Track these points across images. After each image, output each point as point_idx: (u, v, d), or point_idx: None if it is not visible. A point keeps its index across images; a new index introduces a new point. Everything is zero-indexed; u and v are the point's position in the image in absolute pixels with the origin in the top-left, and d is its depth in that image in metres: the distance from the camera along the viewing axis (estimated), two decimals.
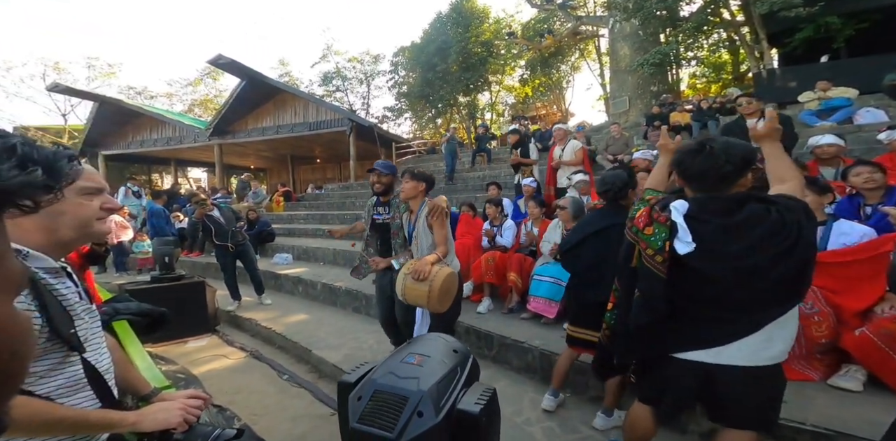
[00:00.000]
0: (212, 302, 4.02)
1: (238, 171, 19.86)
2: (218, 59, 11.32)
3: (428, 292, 1.90)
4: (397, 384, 1.10)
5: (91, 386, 0.77)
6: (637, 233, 1.21)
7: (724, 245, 1.07)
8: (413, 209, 2.29)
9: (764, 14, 7.50)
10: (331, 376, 2.81)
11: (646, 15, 9.04)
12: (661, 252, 1.13)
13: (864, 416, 1.54)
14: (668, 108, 8.38)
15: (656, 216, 1.17)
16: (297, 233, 7.62)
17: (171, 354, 3.12)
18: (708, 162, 1.13)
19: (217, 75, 22.83)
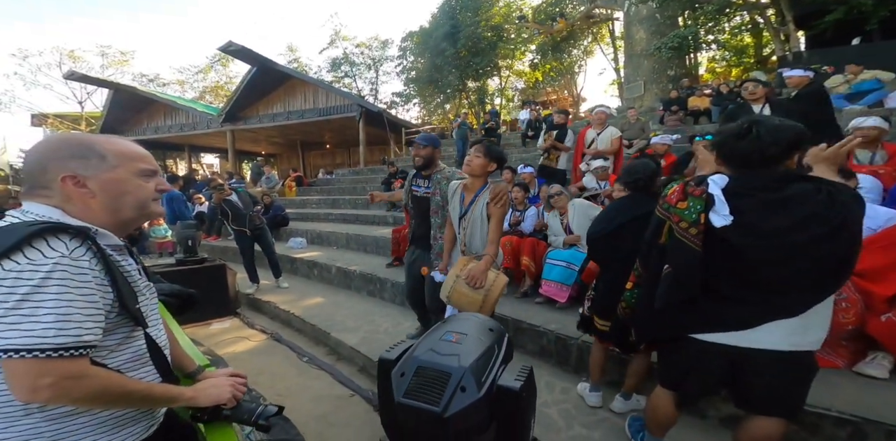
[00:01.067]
0: (233, 285, 4.08)
1: (250, 156, 19.94)
2: (228, 46, 11.12)
3: (482, 302, 1.72)
4: (440, 361, 1.08)
5: (153, 360, 0.78)
6: (668, 208, 1.15)
7: (765, 220, 1.01)
8: (471, 188, 1.95)
9: None
10: (348, 358, 2.84)
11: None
12: (695, 224, 1.07)
13: (891, 403, 1.49)
14: (685, 93, 8.03)
15: (691, 190, 1.11)
16: (309, 217, 7.65)
17: (196, 336, 3.18)
18: (753, 145, 1.06)
19: (227, 62, 22.53)
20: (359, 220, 6.74)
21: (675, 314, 1.17)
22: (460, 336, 1.17)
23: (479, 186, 1.94)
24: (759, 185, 1.06)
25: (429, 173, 2.28)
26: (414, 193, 2.37)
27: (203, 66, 23.26)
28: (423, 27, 17.27)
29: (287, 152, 18.83)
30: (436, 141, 2.31)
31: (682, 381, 1.25)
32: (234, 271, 4.14)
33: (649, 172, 1.78)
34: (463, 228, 1.97)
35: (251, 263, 4.36)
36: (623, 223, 1.74)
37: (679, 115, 7.40)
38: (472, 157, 1.92)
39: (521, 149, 8.71)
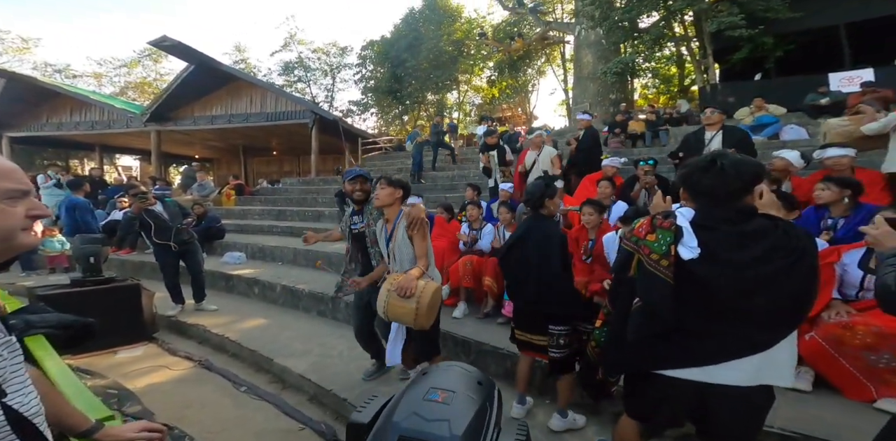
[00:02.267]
0: (149, 306, 3.55)
1: (178, 160, 18.17)
2: (162, 41, 10.27)
3: (415, 310, 1.80)
4: (426, 428, 0.98)
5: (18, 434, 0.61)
6: (637, 241, 1.19)
7: (731, 253, 1.06)
8: (389, 218, 2.14)
9: (712, 32, 8.29)
10: (296, 386, 2.57)
11: (610, 25, 9.58)
12: (666, 256, 1.10)
13: (818, 417, 1.67)
14: (626, 116, 8.97)
15: (660, 223, 1.16)
16: (250, 229, 7.06)
17: (97, 367, 2.68)
18: (718, 179, 1.12)
19: (159, 58, 20.81)
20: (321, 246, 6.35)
21: (645, 349, 1.20)
22: (447, 394, 1.08)
23: (395, 214, 2.11)
24: (723, 218, 1.12)
25: (361, 208, 2.39)
26: (352, 230, 2.41)
27: (128, 60, 21.18)
28: (384, 37, 17.71)
29: (226, 158, 17.51)
30: (370, 176, 2.43)
31: (652, 414, 1.28)
32: (150, 291, 3.63)
33: (539, 193, 1.97)
34: (393, 258, 2.10)
35: (174, 282, 3.88)
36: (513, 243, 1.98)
37: (620, 137, 8.23)
38: (378, 191, 2.09)
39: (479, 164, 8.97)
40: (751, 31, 7.65)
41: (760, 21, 7.73)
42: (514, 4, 14.45)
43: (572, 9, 13.61)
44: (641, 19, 10.09)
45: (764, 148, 5.74)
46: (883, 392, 1.72)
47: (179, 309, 3.89)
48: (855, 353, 1.74)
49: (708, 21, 8.20)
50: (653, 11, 9.31)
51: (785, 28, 7.97)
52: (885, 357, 1.68)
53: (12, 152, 12.81)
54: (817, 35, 8.12)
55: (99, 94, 15.10)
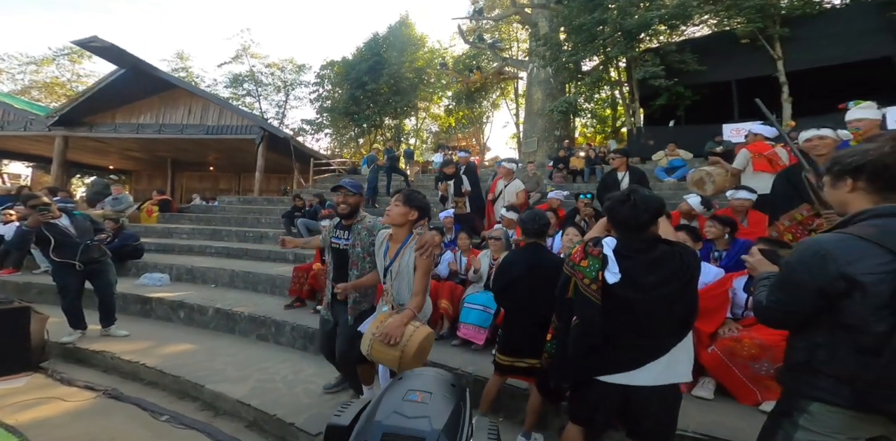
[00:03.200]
0: (39, 332, 3.01)
1: (86, 170, 16.09)
2: (90, 42, 9.58)
3: (399, 358, 1.71)
4: (408, 425, 1.06)
5: None
6: (574, 266, 1.45)
7: (643, 277, 1.33)
8: (396, 238, 1.96)
9: (639, 79, 9.82)
10: (232, 413, 2.32)
11: (558, 66, 10.90)
12: (595, 281, 1.36)
13: (721, 421, 1.91)
14: (568, 153, 10.04)
15: (591, 250, 1.41)
16: (177, 249, 6.38)
17: None
18: (631, 211, 1.37)
19: (78, 58, 19.05)
20: (249, 256, 5.93)
21: (583, 359, 1.42)
22: (425, 395, 1.17)
23: (405, 236, 1.94)
24: (636, 247, 1.37)
25: (350, 223, 2.23)
26: (334, 245, 2.25)
27: (39, 58, 19.04)
28: (346, 58, 18.01)
29: (149, 170, 15.94)
30: (362, 188, 2.28)
31: (591, 417, 1.47)
32: (43, 315, 3.11)
33: (545, 222, 2.09)
34: (390, 280, 1.94)
35: (74, 304, 3.36)
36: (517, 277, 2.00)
37: (563, 172, 9.15)
38: (391, 206, 1.93)
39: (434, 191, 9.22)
40: (667, 82, 9.19)
41: (676, 73, 9.33)
42: (474, 39, 15.79)
43: (527, 48, 15.20)
44: (584, 63, 11.65)
45: (675, 188, 6.79)
46: (766, 396, 2.03)
47: (78, 335, 3.35)
48: (744, 363, 2.07)
49: (636, 69, 9.76)
50: (594, 56, 10.79)
51: (694, 80, 9.68)
52: (766, 365, 2.02)
53: None
54: (716, 89, 9.90)
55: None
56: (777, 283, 1.05)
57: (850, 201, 1.02)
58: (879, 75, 7.94)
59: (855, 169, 0.99)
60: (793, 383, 1.04)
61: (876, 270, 0.88)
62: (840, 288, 0.91)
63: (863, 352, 0.90)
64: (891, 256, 0.88)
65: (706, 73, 9.51)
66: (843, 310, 0.92)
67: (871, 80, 8.02)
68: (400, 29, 17.84)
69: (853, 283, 0.89)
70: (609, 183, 4.13)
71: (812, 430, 0.98)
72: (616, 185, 3.92)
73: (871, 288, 0.88)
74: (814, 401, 0.97)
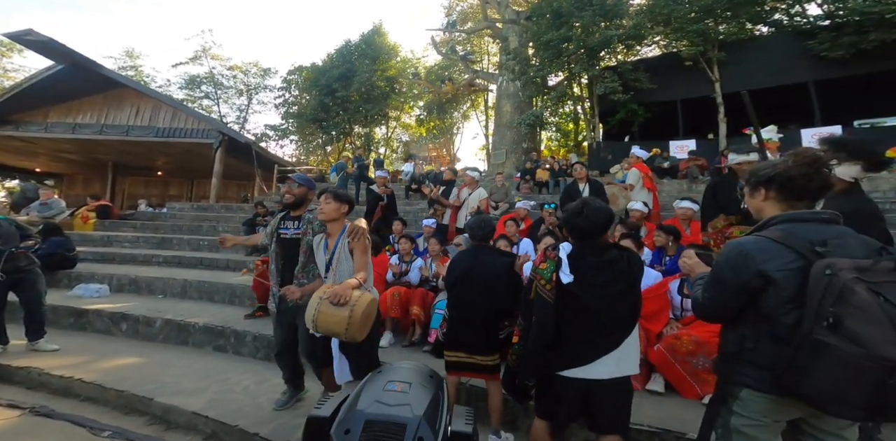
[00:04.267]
0: None
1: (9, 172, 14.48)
2: (25, 35, 8.86)
3: (348, 318, 1.73)
4: (391, 412, 1.12)
5: None
6: (535, 269, 1.62)
7: (595, 278, 1.49)
8: (332, 233, 2.14)
9: (599, 95, 10.47)
10: (188, 427, 2.16)
11: (526, 80, 11.44)
12: (550, 281, 1.52)
13: (671, 415, 2.06)
14: (535, 165, 10.50)
15: (549, 254, 1.58)
16: (118, 259, 5.87)
17: None
18: (584, 222, 1.53)
19: (8, 52, 17.46)
20: (204, 265, 5.59)
21: (543, 356, 1.54)
22: (404, 385, 1.25)
23: (340, 229, 2.13)
24: (589, 251, 1.54)
25: (298, 214, 2.35)
26: (282, 236, 2.32)
27: None
28: (315, 64, 17.77)
29: (85, 174, 14.66)
30: (312, 184, 2.40)
31: (554, 411, 1.57)
32: None
33: (489, 228, 2.25)
34: (332, 273, 2.06)
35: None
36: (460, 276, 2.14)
37: (529, 183, 9.54)
38: (322, 205, 2.11)
39: (405, 201, 9.28)
40: (624, 97, 9.94)
41: (632, 90, 10.11)
42: (447, 51, 16.32)
43: (498, 61, 15.69)
44: (551, 78, 12.29)
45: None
46: (704, 389, 2.20)
47: (2, 350, 2.97)
48: (683, 359, 2.26)
49: (597, 85, 10.46)
50: (559, 72, 11.43)
51: (646, 99, 10.53)
52: (702, 360, 2.20)
53: None
54: (664, 107, 10.74)
55: None
56: (709, 282, 1.18)
57: (764, 208, 1.19)
58: (799, 99, 9.02)
59: (767, 180, 1.15)
60: (726, 371, 1.15)
61: (784, 268, 1.02)
62: (758, 284, 1.05)
63: (778, 341, 1.02)
64: (795, 255, 1.02)
65: (656, 92, 10.33)
66: (761, 303, 1.05)
67: (794, 104, 9.13)
68: (373, 37, 17.91)
69: (768, 279, 1.03)
70: (571, 193, 4.45)
71: (743, 415, 1.09)
72: (578, 195, 4.22)
73: (781, 283, 1.01)
74: (744, 387, 1.08)
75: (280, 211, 2.47)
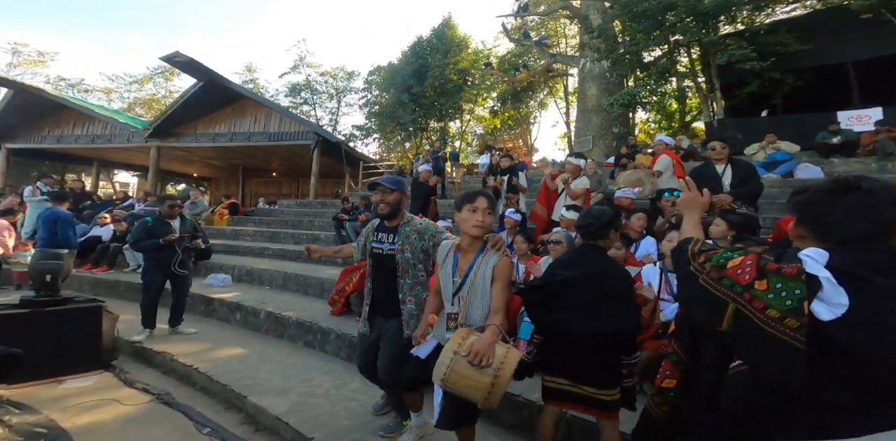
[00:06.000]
0: (109, 331, 3.25)
1: (177, 178, 18.42)
2: (174, 57, 10.79)
3: (491, 386, 1.38)
4: None
5: None
6: (733, 287, 0.97)
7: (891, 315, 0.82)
8: (469, 250, 1.68)
9: (721, 65, 8.53)
10: (271, 430, 2.24)
11: (615, 58, 10.03)
12: (794, 314, 0.87)
13: None
14: (633, 150, 9.04)
15: (773, 266, 0.92)
16: (240, 251, 6.84)
17: (35, 399, 2.35)
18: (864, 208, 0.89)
19: (171, 75, 21.93)
20: (302, 258, 6.14)
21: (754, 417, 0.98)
22: None
23: (479, 247, 1.67)
24: (876, 264, 0.86)
25: (394, 225, 1.99)
26: (375, 250, 2.02)
27: (140, 76, 22.31)
28: (391, 63, 18.48)
29: (225, 177, 17.73)
30: (404, 185, 2.03)
31: None
32: (114, 314, 3.35)
33: (605, 220, 1.67)
34: (460, 299, 1.65)
35: (154, 303, 3.64)
36: (566, 278, 1.61)
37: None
38: (482, 215, 1.62)
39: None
40: (762, 64, 7.89)
41: (769, 55, 8.00)
42: (519, 37, 15.15)
43: (577, 43, 14.24)
44: (649, 53, 10.52)
45: (782, 186, 5.66)
46: None
47: (147, 334, 3.60)
48: None
49: (716, 54, 8.50)
50: (657, 46, 9.67)
51: (794, 64, 8.23)
52: None
53: (8, 164, 13.03)
54: (825, 72, 8.34)
55: (104, 108, 15.65)
56: None
57: None
58: None
59: None
60: None
61: None
62: None
63: None
64: None
65: (810, 55, 8.08)
66: None
67: None
68: (443, 31, 17.74)
69: None
70: (704, 178, 3.31)
71: None
72: (716, 180, 3.24)
73: None
74: None
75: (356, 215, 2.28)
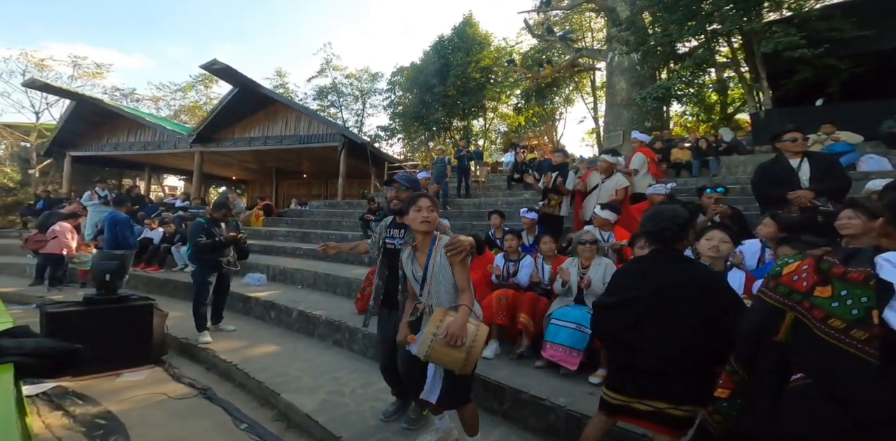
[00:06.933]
0: (160, 327, 3.53)
1: (218, 181, 19.52)
2: (212, 65, 11.41)
3: (465, 359, 1.66)
4: None
5: None
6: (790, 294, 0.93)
7: None
8: (424, 246, 1.87)
9: (766, 53, 7.90)
10: (302, 427, 2.36)
11: (646, 50, 9.54)
12: (862, 325, 0.83)
13: None
14: (667, 144, 8.58)
15: (839, 271, 0.88)
16: (274, 251, 7.18)
17: (95, 391, 2.61)
18: None
19: (210, 83, 23.19)
20: (331, 258, 6.35)
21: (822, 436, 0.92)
22: None
23: (430, 240, 1.88)
24: None
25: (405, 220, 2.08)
26: (388, 246, 2.15)
27: (184, 85, 23.77)
28: (414, 63, 18.54)
29: (260, 179, 18.62)
30: (417, 183, 2.21)
31: None
32: (163, 312, 3.60)
33: (681, 222, 1.48)
34: (426, 291, 1.87)
35: (206, 304, 3.75)
36: (642, 295, 1.45)
37: (662, 166, 7.78)
38: (427, 213, 1.82)
39: (507, 192, 8.81)
40: (813, 51, 7.24)
41: (822, 41, 7.35)
42: (543, 32, 14.73)
43: (603, 36, 13.76)
44: (683, 43, 9.94)
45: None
46: None
47: (208, 338, 3.62)
48: None
49: (761, 43, 7.88)
50: (693, 36, 9.02)
51: (851, 50, 7.52)
52: None
53: (73, 170, 14.34)
54: (886, 57, 7.55)
55: (153, 116, 16.84)
56: None
57: None
58: None
59: None
60: None
61: None
62: None
63: None
64: None
65: (871, 39, 7.34)
66: None
67: None
68: (464, 29, 17.54)
69: None
70: (778, 174, 3.00)
71: None
72: (790, 177, 2.89)
73: None
74: None
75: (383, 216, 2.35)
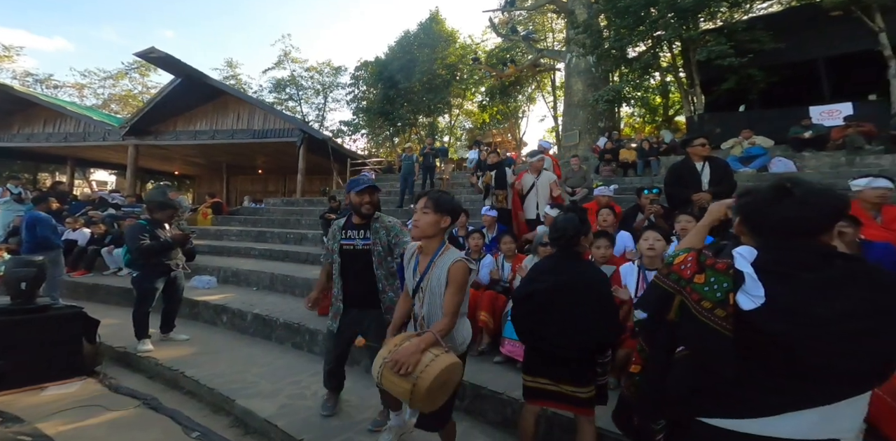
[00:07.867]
0: (91, 336, 3.19)
1: (157, 175, 17.90)
2: (150, 53, 10.48)
3: (410, 392, 1.42)
4: None
5: None
6: (679, 281, 1.07)
7: (810, 305, 0.92)
8: (427, 252, 1.71)
9: (700, 60, 8.75)
10: (261, 433, 2.27)
11: (600, 53, 10.19)
12: (722, 305, 0.98)
13: None
14: (616, 144, 9.24)
15: (710, 262, 1.02)
16: (226, 251, 6.75)
17: (15, 407, 2.32)
18: (794, 210, 0.97)
19: (146, 71, 21.19)
20: (289, 258, 6.11)
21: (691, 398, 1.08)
22: None
23: (436, 247, 1.68)
24: (798, 261, 0.97)
25: (365, 222, 2.14)
26: (346, 247, 2.15)
27: (115, 72, 21.48)
28: (378, 58, 18.22)
29: (209, 175, 17.36)
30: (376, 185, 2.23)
31: None
32: (96, 320, 3.27)
33: (572, 230, 1.75)
34: (419, 300, 1.70)
35: (147, 311, 3.41)
36: (544, 288, 1.70)
37: (612, 165, 8.40)
38: (418, 215, 1.66)
39: (470, 189, 8.98)
40: (740, 60, 8.12)
41: (747, 52, 8.25)
42: (507, 32, 15.21)
43: (563, 37, 14.38)
44: (633, 48, 10.69)
45: (755, 180, 5.90)
46: None
47: (149, 346, 3.35)
48: None
49: (696, 50, 8.71)
50: (640, 41, 9.84)
51: (769, 60, 8.51)
52: None
53: None
54: (798, 68, 8.68)
55: (76, 106, 15.06)
56: None
57: None
58: None
59: None
60: None
61: None
62: None
63: None
64: None
65: (785, 52, 8.34)
66: None
67: None
68: (430, 25, 17.60)
69: None
70: (684, 175, 3.46)
71: None
72: (694, 178, 3.33)
73: None
74: None
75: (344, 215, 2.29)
